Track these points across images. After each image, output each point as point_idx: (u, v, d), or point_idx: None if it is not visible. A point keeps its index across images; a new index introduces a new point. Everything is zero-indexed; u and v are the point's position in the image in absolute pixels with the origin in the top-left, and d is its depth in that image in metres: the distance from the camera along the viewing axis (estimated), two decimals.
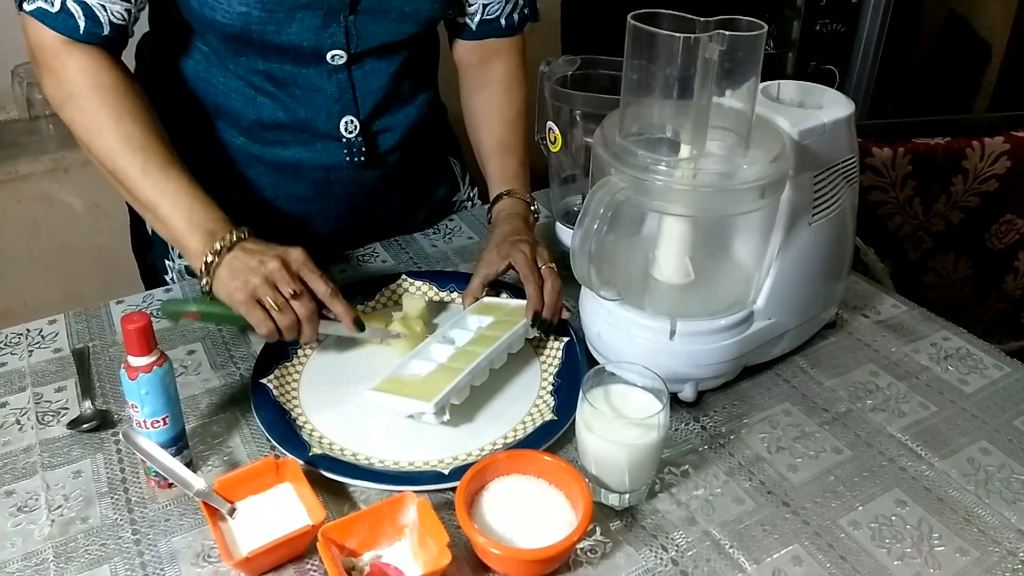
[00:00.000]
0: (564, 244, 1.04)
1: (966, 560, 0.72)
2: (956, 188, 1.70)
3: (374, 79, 1.01)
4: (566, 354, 0.93)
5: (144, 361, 0.72)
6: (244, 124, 1.02)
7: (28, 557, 0.71)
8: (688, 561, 0.72)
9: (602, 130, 0.83)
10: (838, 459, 0.82)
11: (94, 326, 0.99)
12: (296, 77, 0.98)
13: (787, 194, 0.83)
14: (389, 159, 1.08)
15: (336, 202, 1.09)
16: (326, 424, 0.84)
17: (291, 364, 0.92)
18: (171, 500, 0.76)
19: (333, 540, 0.69)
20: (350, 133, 1.02)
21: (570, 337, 0.94)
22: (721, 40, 0.73)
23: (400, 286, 1.04)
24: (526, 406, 0.87)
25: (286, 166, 1.05)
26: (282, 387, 0.88)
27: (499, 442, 0.82)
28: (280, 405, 0.85)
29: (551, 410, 0.85)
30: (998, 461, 0.82)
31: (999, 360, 0.95)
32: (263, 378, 0.88)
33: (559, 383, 0.89)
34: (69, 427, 0.84)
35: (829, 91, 0.90)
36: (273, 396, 0.86)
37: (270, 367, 0.90)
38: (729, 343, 0.85)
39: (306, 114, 1.00)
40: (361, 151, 1.04)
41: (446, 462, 0.80)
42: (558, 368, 0.91)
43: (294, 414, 0.85)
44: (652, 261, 0.88)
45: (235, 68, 0.98)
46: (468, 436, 0.83)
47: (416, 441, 0.83)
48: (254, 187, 1.07)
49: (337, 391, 0.89)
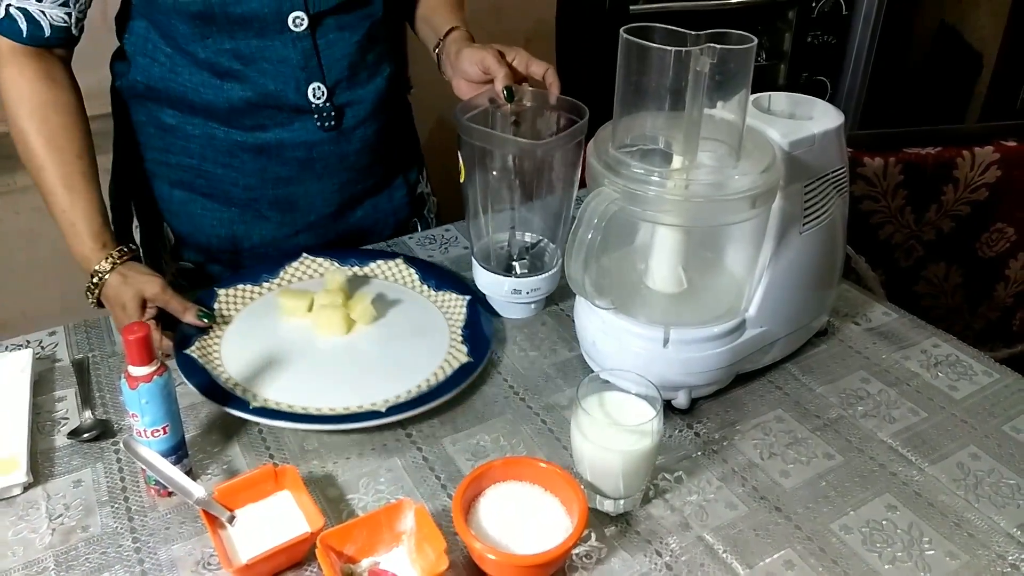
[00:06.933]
0: (480, 286, 1.02)
1: (956, 564, 0.73)
2: (947, 197, 1.72)
3: (338, 47, 1.04)
4: (469, 310, 1.01)
5: (144, 371, 0.73)
6: (220, 114, 1.05)
7: (29, 566, 0.72)
8: (682, 566, 0.72)
9: (595, 141, 0.85)
10: (830, 465, 0.83)
11: (93, 337, 1.00)
12: (263, 50, 1.00)
13: (778, 204, 0.84)
14: (364, 130, 1.11)
15: (320, 181, 1.12)
16: (257, 385, 0.90)
17: (208, 338, 0.96)
18: (171, 508, 0.77)
19: (331, 547, 0.69)
20: (318, 99, 1.04)
21: (470, 296, 1.02)
22: (712, 53, 0.74)
23: (303, 263, 1.09)
24: (442, 353, 0.96)
25: (269, 149, 1.07)
26: (205, 356, 0.93)
27: (428, 381, 0.91)
28: (209, 372, 0.90)
29: (465, 354, 0.93)
30: (987, 466, 0.83)
31: (988, 367, 0.97)
32: (185, 350, 0.92)
33: (467, 333, 0.98)
34: (69, 437, 0.85)
35: (819, 102, 0.92)
36: (200, 364, 0.91)
37: (190, 341, 0.94)
38: (722, 351, 0.86)
39: (275, 86, 1.02)
40: (331, 117, 1.06)
41: (379, 404, 0.87)
42: (464, 321, 1.00)
43: (223, 378, 0.90)
44: (645, 270, 0.89)
45: (204, 54, 1.00)
46: (397, 382, 0.91)
47: (347, 391, 0.89)
48: (243, 175, 1.09)
49: (259, 355, 0.95)
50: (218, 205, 1.12)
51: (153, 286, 0.93)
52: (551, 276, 1.01)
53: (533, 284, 1.00)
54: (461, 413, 0.89)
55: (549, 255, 1.03)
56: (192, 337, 0.95)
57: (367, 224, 1.20)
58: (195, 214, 1.13)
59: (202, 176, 1.10)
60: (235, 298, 1.03)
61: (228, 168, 1.09)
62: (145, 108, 1.08)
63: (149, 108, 1.07)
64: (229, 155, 1.08)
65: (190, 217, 1.13)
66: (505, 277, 0.99)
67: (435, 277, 1.07)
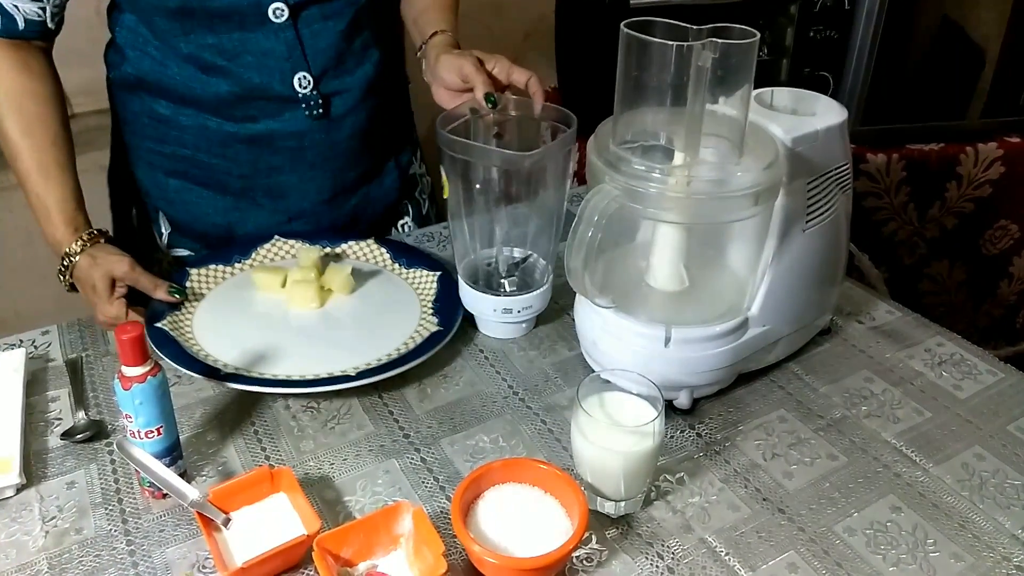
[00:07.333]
0: (468, 306, 0.98)
1: (961, 566, 0.72)
2: (950, 194, 1.71)
3: (322, 38, 1.03)
4: (439, 284, 1.03)
5: (138, 371, 0.72)
6: (210, 106, 1.05)
7: (22, 569, 0.71)
8: (684, 569, 0.71)
9: (596, 138, 0.84)
10: (833, 465, 0.82)
11: (87, 336, 0.99)
12: (245, 43, 1.00)
13: (781, 201, 0.83)
14: (354, 117, 1.10)
15: (313, 170, 1.11)
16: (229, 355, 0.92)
17: (180, 313, 0.98)
18: (165, 511, 0.76)
19: (328, 550, 0.68)
20: (304, 89, 1.04)
21: (442, 271, 1.04)
22: (714, 48, 0.73)
23: (275, 245, 1.10)
24: (413, 324, 0.98)
25: (261, 139, 1.07)
26: (178, 330, 0.94)
27: (399, 349, 0.93)
28: (180, 343, 0.91)
29: (435, 324, 0.96)
30: (992, 467, 0.82)
31: (993, 366, 0.96)
32: (157, 323, 0.94)
33: (438, 306, 1.00)
34: (63, 438, 0.84)
35: (822, 98, 0.91)
36: (172, 336, 0.92)
37: (161, 316, 0.95)
38: (724, 350, 0.85)
39: (260, 79, 1.02)
40: (319, 105, 1.05)
41: (349, 370, 0.88)
42: (435, 295, 1.02)
43: (195, 349, 0.91)
44: (647, 268, 0.88)
45: (187, 49, 1.00)
46: (368, 351, 0.92)
47: (317, 360, 0.91)
48: (236, 165, 1.10)
49: (232, 328, 0.97)
50: (213, 193, 1.12)
51: (122, 265, 0.94)
52: (542, 293, 0.97)
53: (524, 302, 0.96)
54: (459, 413, 0.88)
55: (540, 271, 1.00)
56: (164, 312, 0.96)
57: (360, 211, 1.20)
58: (191, 202, 1.13)
59: (197, 166, 1.10)
60: (207, 277, 1.04)
61: (222, 158, 1.09)
62: (139, 99, 1.08)
63: (143, 99, 1.07)
64: (222, 145, 1.08)
65: (186, 206, 1.13)
66: (494, 296, 0.96)
67: (406, 255, 1.09)
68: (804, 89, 0.92)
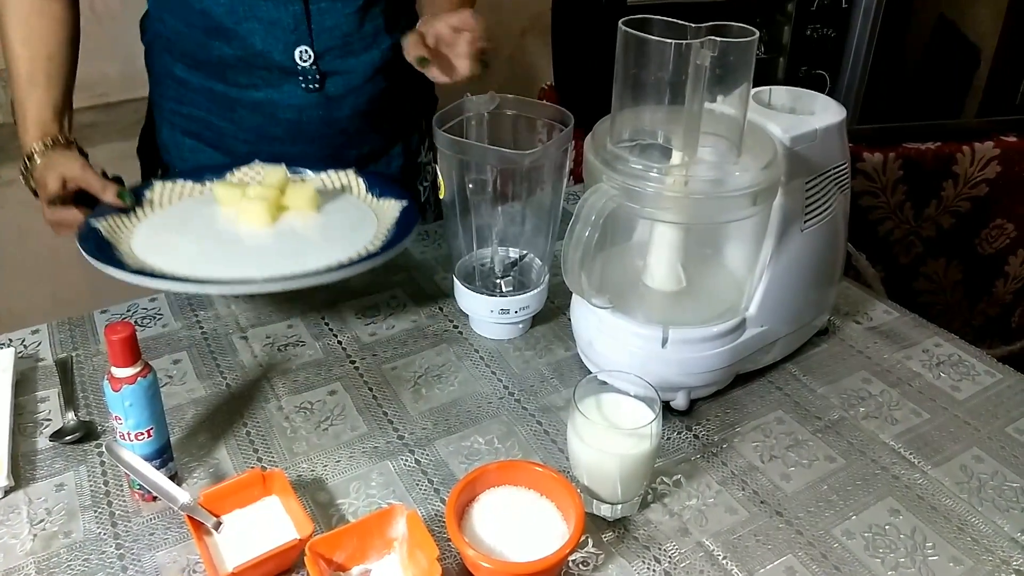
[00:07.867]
0: (463, 307, 0.98)
1: (960, 569, 0.71)
2: (947, 193, 1.71)
3: (329, 16, 1.04)
4: (402, 212, 0.99)
5: (128, 372, 0.71)
6: (216, 70, 1.07)
7: (10, 573, 0.70)
8: (681, 572, 0.71)
9: (593, 136, 0.83)
10: (831, 467, 0.81)
11: (78, 335, 0.98)
12: (255, 8, 1.01)
13: (779, 201, 0.82)
14: (355, 98, 1.10)
15: (312, 144, 1.12)
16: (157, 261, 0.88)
17: (126, 217, 0.96)
18: (155, 514, 0.75)
19: (321, 554, 0.67)
20: (304, 62, 1.04)
21: (408, 201, 1.01)
22: (712, 46, 0.72)
23: (253, 168, 1.07)
24: (364, 242, 0.94)
25: (263, 108, 1.08)
26: (114, 233, 0.92)
27: (367, 248, 0.91)
28: (110, 242, 0.89)
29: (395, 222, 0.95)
30: (991, 469, 0.82)
31: (991, 367, 0.95)
32: (94, 221, 0.92)
33: (394, 232, 0.95)
34: (52, 439, 0.82)
35: (820, 97, 0.90)
36: (104, 236, 0.90)
37: (103, 215, 0.94)
38: (721, 351, 0.85)
39: (263, 46, 1.03)
40: (315, 80, 1.06)
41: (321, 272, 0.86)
42: (395, 220, 0.98)
43: (122, 248, 0.90)
44: (644, 268, 0.87)
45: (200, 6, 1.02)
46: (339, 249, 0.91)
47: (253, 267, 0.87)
48: (242, 130, 1.12)
49: (171, 237, 0.94)
50: (222, 156, 1.14)
51: (74, 166, 0.96)
52: (539, 293, 0.96)
53: (521, 302, 0.95)
54: (454, 414, 0.87)
55: (536, 271, 0.99)
56: (107, 215, 0.94)
57: None
58: (202, 163, 1.15)
59: (209, 127, 1.13)
60: (171, 191, 1.03)
61: (230, 122, 1.11)
62: (163, 61, 1.11)
63: (165, 61, 1.11)
64: (230, 109, 1.10)
65: (197, 165, 1.16)
66: (490, 296, 0.95)
67: (379, 186, 1.06)
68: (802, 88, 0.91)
